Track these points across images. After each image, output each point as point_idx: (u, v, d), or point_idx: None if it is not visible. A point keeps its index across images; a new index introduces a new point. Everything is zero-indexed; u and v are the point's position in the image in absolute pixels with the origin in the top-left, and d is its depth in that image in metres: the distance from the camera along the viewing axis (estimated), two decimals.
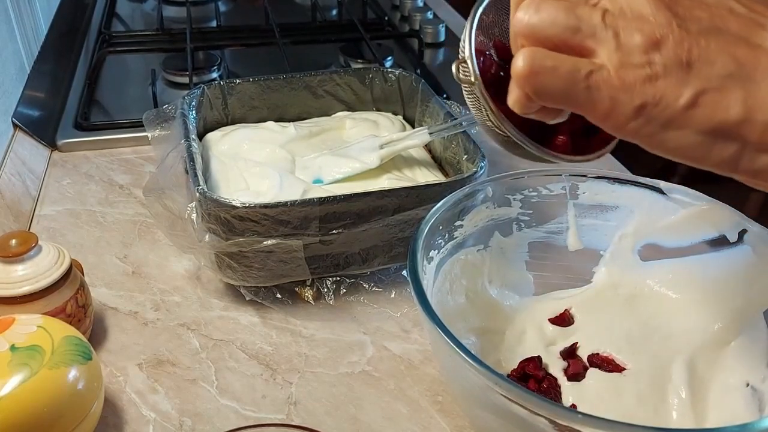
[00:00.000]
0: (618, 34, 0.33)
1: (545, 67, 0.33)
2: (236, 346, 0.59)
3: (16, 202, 0.72)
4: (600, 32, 0.33)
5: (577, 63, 0.33)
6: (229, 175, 0.69)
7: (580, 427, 0.38)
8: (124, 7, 1.30)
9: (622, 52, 0.32)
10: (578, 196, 0.59)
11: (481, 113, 0.47)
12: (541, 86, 0.33)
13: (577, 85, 0.33)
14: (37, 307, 0.52)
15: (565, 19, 0.33)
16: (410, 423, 0.53)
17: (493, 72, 0.48)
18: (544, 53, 0.33)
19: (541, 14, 0.34)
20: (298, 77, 0.80)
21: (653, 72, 0.32)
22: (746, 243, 0.53)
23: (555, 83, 0.33)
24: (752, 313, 0.51)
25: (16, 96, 0.87)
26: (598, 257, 0.60)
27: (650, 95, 0.32)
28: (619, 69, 0.32)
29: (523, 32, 0.34)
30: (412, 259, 0.49)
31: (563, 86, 0.33)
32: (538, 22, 0.34)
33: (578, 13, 0.33)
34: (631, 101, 0.32)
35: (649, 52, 0.32)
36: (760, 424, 0.38)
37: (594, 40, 0.33)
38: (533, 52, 0.33)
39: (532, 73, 0.33)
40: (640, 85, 0.32)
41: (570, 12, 0.33)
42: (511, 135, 0.47)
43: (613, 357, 0.54)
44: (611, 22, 0.33)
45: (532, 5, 0.34)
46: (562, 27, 0.33)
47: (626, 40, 0.32)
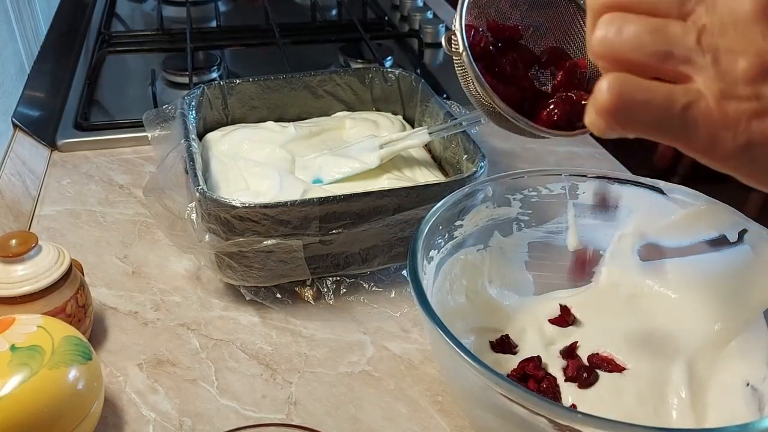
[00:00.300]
0: (718, 59, 0.28)
1: (635, 101, 0.29)
2: (236, 346, 0.59)
3: (16, 202, 0.72)
4: (696, 57, 0.28)
5: (671, 94, 0.29)
6: (229, 175, 0.69)
7: (580, 427, 0.38)
8: (124, 7, 1.30)
9: (723, 80, 0.28)
10: (578, 196, 0.59)
11: (468, 84, 0.48)
12: (628, 119, 0.29)
13: (671, 120, 0.29)
14: (37, 307, 0.52)
15: (653, 42, 0.29)
16: (410, 423, 0.53)
17: (483, 46, 0.49)
18: (634, 83, 0.29)
19: (624, 35, 0.29)
20: (298, 77, 0.80)
21: (762, 107, 0.28)
22: (746, 243, 0.53)
23: (645, 117, 0.29)
24: (752, 313, 0.51)
25: (16, 96, 0.87)
26: (598, 257, 0.60)
27: (758, 134, 0.28)
28: (720, 101, 0.28)
29: (604, 55, 0.30)
30: (412, 259, 0.49)
31: (655, 121, 0.29)
32: (620, 45, 0.29)
33: (669, 34, 0.29)
34: (734, 139, 0.28)
35: (756, 82, 0.28)
36: (760, 424, 0.38)
37: (689, 66, 0.28)
38: (620, 81, 0.29)
39: (619, 107, 0.29)
40: (745, 121, 0.28)
41: (659, 33, 0.29)
42: (497, 107, 0.48)
43: (612, 357, 0.54)
44: (709, 44, 0.28)
45: (614, 24, 0.29)
46: (650, 52, 0.29)
47: (729, 67, 0.28)
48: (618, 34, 0.29)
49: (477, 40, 0.49)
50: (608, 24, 0.30)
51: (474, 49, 0.48)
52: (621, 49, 0.29)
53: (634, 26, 0.29)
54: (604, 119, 0.30)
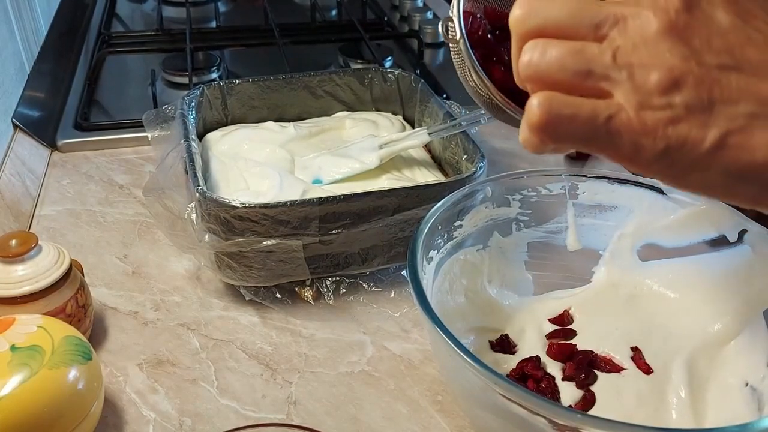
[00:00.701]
0: (633, 75, 0.31)
1: (563, 115, 0.31)
2: (236, 346, 0.59)
3: (16, 202, 0.72)
4: (613, 74, 0.31)
5: (595, 108, 0.31)
6: (229, 175, 0.69)
7: (579, 427, 0.38)
8: (124, 8, 1.31)
9: (639, 93, 0.31)
10: (578, 196, 0.59)
11: (465, 73, 0.48)
12: (558, 133, 0.32)
13: (597, 131, 0.31)
14: (37, 307, 0.52)
15: (575, 62, 0.31)
16: (410, 423, 0.53)
17: (481, 34, 0.48)
18: (561, 100, 0.31)
19: (548, 58, 0.32)
20: (298, 77, 0.80)
21: (675, 114, 0.30)
22: (746, 243, 0.53)
23: (573, 130, 0.31)
24: (752, 313, 0.51)
25: (16, 96, 0.87)
26: (598, 257, 0.60)
27: (673, 138, 0.30)
28: (638, 111, 0.31)
29: (531, 77, 0.32)
30: (411, 259, 0.49)
31: (582, 133, 0.31)
32: (546, 67, 0.32)
33: (587, 55, 0.31)
34: (654, 145, 0.31)
35: (668, 92, 0.30)
36: (759, 424, 0.38)
37: (608, 82, 0.31)
38: (548, 99, 0.31)
39: (549, 121, 0.31)
40: (662, 128, 0.30)
41: (579, 54, 0.31)
42: (493, 97, 0.47)
43: (611, 357, 0.54)
44: (624, 61, 0.31)
45: (537, 48, 0.32)
46: (572, 71, 0.31)
47: (643, 81, 0.31)
48: (542, 57, 0.32)
49: (475, 27, 0.48)
50: (533, 48, 0.32)
51: (471, 36, 0.47)
52: (546, 71, 0.32)
53: (556, 49, 0.32)
54: (536, 135, 0.32)
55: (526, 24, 0.33)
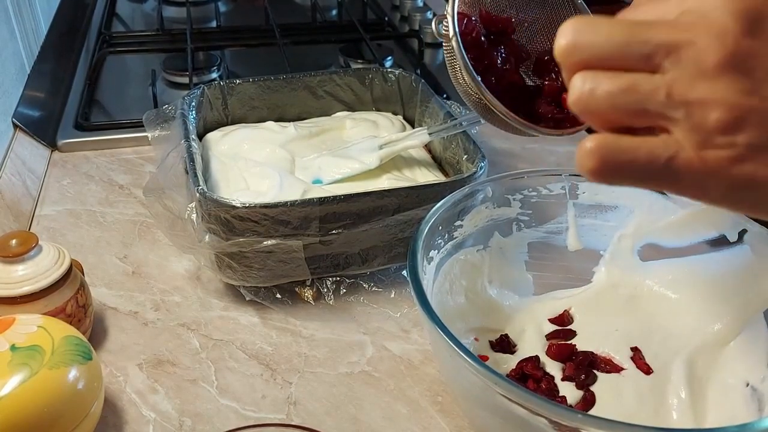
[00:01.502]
0: (692, 114, 0.29)
1: (619, 162, 0.30)
2: (236, 346, 0.59)
3: (16, 202, 0.72)
4: (669, 112, 0.29)
5: (652, 150, 0.29)
6: (229, 175, 0.69)
7: (579, 427, 0.38)
8: (124, 8, 1.31)
9: (699, 133, 0.29)
10: (578, 196, 0.59)
11: (456, 72, 0.48)
12: (617, 178, 0.31)
13: (657, 174, 0.30)
14: (37, 307, 0.52)
15: (627, 102, 0.30)
16: (410, 423, 0.53)
17: (474, 36, 0.48)
18: (615, 147, 0.30)
19: (598, 95, 0.30)
20: (298, 77, 0.80)
21: (739, 153, 0.29)
22: (746, 243, 0.53)
23: (632, 175, 0.30)
24: (752, 313, 0.51)
25: (16, 96, 0.87)
26: (598, 257, 0.60)
27: (740, 178, 0.29)
28: (699, 151, 0.29)
29: (582, 113, 0.31)
30: (412, 259, 0.49)
31: (641, 176, 0.30)
32: (596, 105, 0.30)
33: (640, 92, 0.29)
34: (718, 185, 0.30)
35: (730, 132, 0.28)
36: (759, 424, 0.38)
37: (664, 120, 0.29)
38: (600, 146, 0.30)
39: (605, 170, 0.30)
40: (725, 168, 0.29)
41: (631, 92, 0.29)
42: (484, 98, 0.47)
43: (611, 357, 0.54)
44: (680, 98, 0.29)
45: (587, 84, 0.30)
46: (625, 111, 0.30)
47: (702, 120, 0.29)
48: (591, 95, 0.30)
49: (469, 29, 0.48)
50: (582, 83, 0.30)
51: (465, 37, 0.47)
52: (598, 109, 0.30)
53: (607, 86, 0.30)
54: (593, 178, 0.31)
55: (573, 57, 0.31)
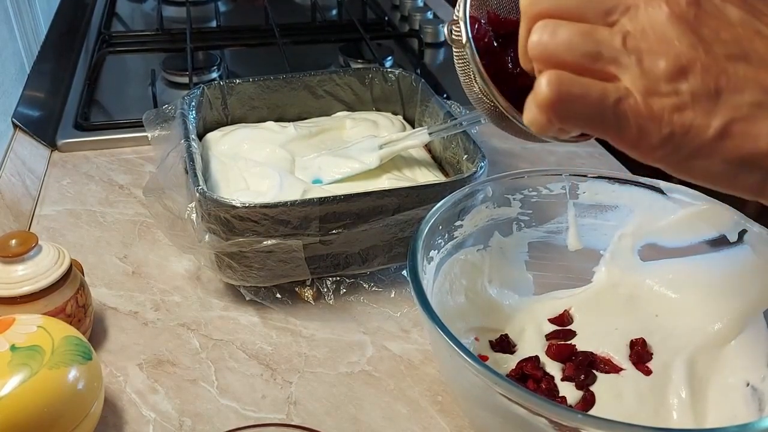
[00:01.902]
0: (642, 60, 0.31)
1: (573, 94, 0.31)
2: (236, 346, 0.59)
3: (16, 202, 0.72)
4: (622, 58, 0.31)
5: (604, 90, 0.31)
6: (229, 175, 0.69)
7: (579, 427, 0.38)
8: (124, 7, 1.30)
9: (647, 79, 0.31)
10: (578, 196, 0.59)
11: (469, 79, 0.47)
12: (567, 113, 0.32)
13: (604, 112, 0.31)
14: (37, 307, 0.52)
15: (584, 44, 0.32)
16: (410, 423, 0.53)
17: (486, 41, 0.47)
18: (571, 79, 0.32)
19: (558, 38, 0.32)
20: (298, 77, 0.80)
21: (681, 101, 0.31)
22: (746, 243, 0.53)
23: (582, 110, 0.32)
24: (752, 313, 0.51)
25: (16, 96, 0.87)
26: (598, 257, 0.60)
27: (678, 125, 0.31)
28: (645, 96, 0.31)
29: (539, 57, 0.32)
30: (412, 259, 0.49)
31: (590, 114, 0.32)
32: (554, 47, 0.32)
33: (597, 37, 0.32)
34: (659, 131, 0.31)
35: (675, 79, 0.31)
36: (760, 424, 0.38)
37: (616, 66, 0.32)
38: (559, 77, 0.32)
39: (558, 100, 0.32)
40: (668, 114, 0.31)
41: (589, 36, 0.32)
42: (498, 104, 0.47)
43: (610, 357, 0.54)
44: (633, 47, 0.31)
45: (548, 28, 0.32)
46: (581, 53, 0.32)
47: (651, 67, 0.31)
48: (552, 37, 0.32)
49: (481, 34, 0.47)
50: (543, 28, 0.32)
51: (478, 43, 0.47)
52: (555, 51, 0.32)
53: (567, 30, 0.32)
54: (545, 113, 0.32)
55: (538, 5, 0.33)
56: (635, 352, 0.53)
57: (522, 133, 0.51)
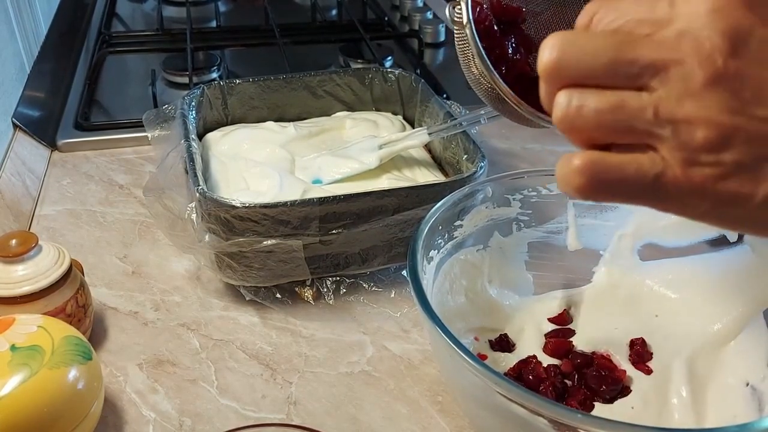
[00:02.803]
0: (679, 132, 0.29)
1: (607, 180, 0.30)
2: (236, 346, 0.59)
3: (16, 202, 0.72)
4: (656, 130, 0.29)
5: (640, 168, 0.29)
6: (229, 175, 0.69)
7: (579, 427, 0.38)
8: (124, 8, 1.30)
9: (686, 151, 0.29)
10: None
11: (468, 60, 0.47)
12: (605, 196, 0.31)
13: (644, 191, 0.30)
14: (37, 307, 0.52)
15: (614, 120, 0.29)
16: (410, 423, 0.53)
17: (487, 25, 0.48)
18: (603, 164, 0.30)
19: (585, 114, 0.30)
20: (298, 77, 0.80)
21: (724, 171, 0.29)
22: (746, 243, 0.53)
23: (620, 192, 0.30)
24: (752, 312, 0.51)
25: (16, 96, 0.87)
26: (598, 257, 0.60)
27: (724, 195, 0.29)
28: (685, 168, 0.29)
29: (566, 130, 0.31)
30: (412, 259, 0.49)
31: (629, 193, 0.30)
32: (582, 123, 0.30)
33: (627, 110, 0.29)
34: (703, 203, 0.30)
35: (717, 150, 0.29)
36: (760, 424, 0.38)
37: (650, 137, 0.29)
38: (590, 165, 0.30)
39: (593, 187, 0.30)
40: (711, 185, 0.29)
41: (618, 111, 0.29)
42: (496, 86, 0.47)
43: (610, 356, 0.54)
44: (667, 116, 0.29)
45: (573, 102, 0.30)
46: (612, 129, 0.30)
47: (689, 138, 0.29)
48: (578, 113, 0.30)
49: (482, 17, 0.48)
50: (568, 101, 0.30)
51: (478, 26, 0.47)
52: (583, 127, 0.30)
53: (594, 103, 0.30)
54: (579, 195, 0.31)
55: (558, 74, 0.31)
56: (635, 352, 0.53)
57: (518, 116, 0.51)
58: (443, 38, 1.17)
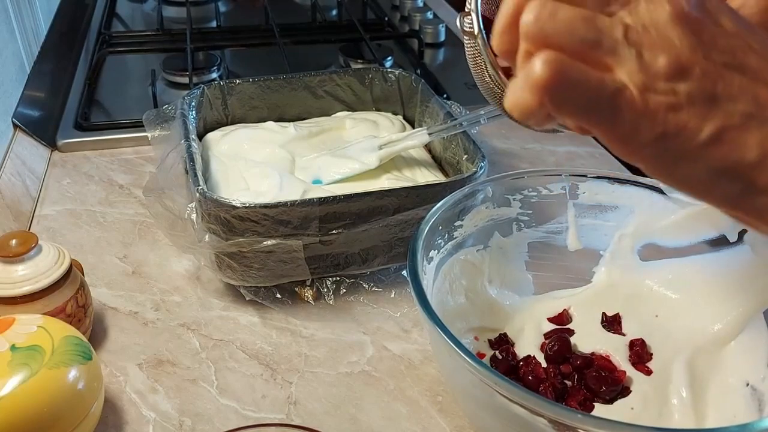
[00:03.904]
0: (641, 55, 0.30)
1: (571, 78, 0.30)
2: (236, 346, 0.59)
3: (16, 202, 0.72)
4: (622, 49, 0.30)
5: (602, 78, 0.30)
6: (229, 175, 0.69)
7: (579, 427, 0.38)
8: (124, 8, 1.31)
9: (645, 74, 0.30)
10: (578, 196, 0.59)
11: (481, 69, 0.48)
12: (562, 98, 0.30)
13: (600, 102, 0.30)
14: (37, 307, 0.52)
15: (585, 30, 0.30)
16: (410, 423, 0.53)
17: None
18: (570, 64, 0.30)
19: (558, 20, 0.30)
20: (298, 77, 0.80)
21: (677, 101, 0.30)
22: (746, 243, 0.53)
23: (578, 97, 0.30)
24: (752, 313, 0.51)
25: (16, 96, 0.87)
26: (598, 257, 0.60)
27: (672, 124, 0.30)
28: (642, 92, 0.30)
29: (534, 36, 0.30)
30: (412, 259, 0.49)
31: (585, 102, 0.30)
32: (553, 28, 0.30)
33: (598, 25, 0.30)
34: (651, 129, 0.30)
35: (674, 79, 0.30)
36: (760, 424, 0.38)
37: (614, 57, 0.30)
38: (559, 58, 0.30)
39: (556, 82, 0.29)
40: (663, 112, 0.30)
41: (590, 23, 0.30)
42: None
43: (609, 356, 0.54)
44: (633, 40, 0.30)
45: (546, 8, 0.30)
46: (581, 38, 0.30)
47: (650, 62, 0.30)
48: (552, 18, 0.30)
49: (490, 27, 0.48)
50: (541, 7, 0.30)
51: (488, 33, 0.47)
52: (553, 32, 0.30)
53: (567, 12, 0.30)
54: (536, 95, 0.30)
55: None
56: (635, 353, 0.53)
57: None
58: (443, 38, 1.17)
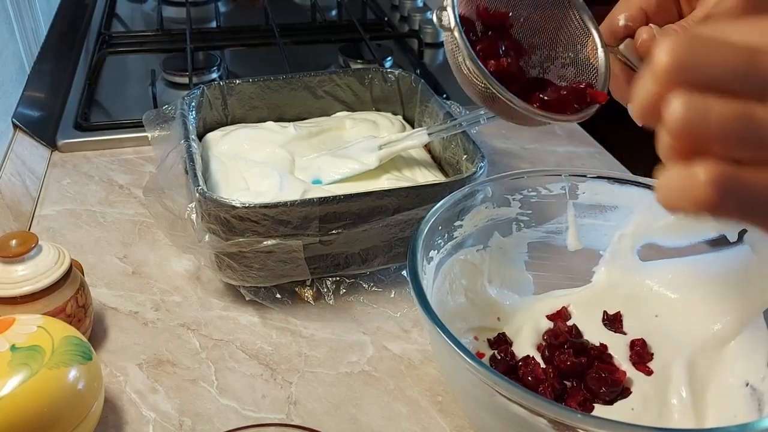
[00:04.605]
0: None
1: (742, 194, 0.27)
2: (236, 346, 0.59)
3: (16, 202, 0.72)
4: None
5: None
6: (229, 175, 0.69)
7: (579, 427, 0.38)
8: (124, 8, 1.31)
9: None
10: (578, 196, 0.59)
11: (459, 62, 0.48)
12: (731, 207, 0.27)
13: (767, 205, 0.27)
14: (37, 307, 0.52)
15: (741, 128, 0.27)
16: (410, 423, 0.53)
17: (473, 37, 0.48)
18: (737, 174, 0.27)
19: (711, 122, 0.27)
20: (298, 77, 0.80)
21: None
22: (746, 243, 0.53)
23: (749, 206, 0.28)
24: (752, 312, 0.51)
25: (16, 96, 0.87)
26: (598, 257, 0.60)
27: None
28: None
29: (680, 134, 0.27)
30: (411, 259, 0.49)
31: (750, 209, 0.28)
32: (703, 130, 0.27)
33: (757, 119, 0.27)
34: None
35: None
36: (760, 424, 0.38)
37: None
38: (723, 173, 0.27)
39: (723, 201, 0.27)
40: None
41: (747, 118, 0.27)
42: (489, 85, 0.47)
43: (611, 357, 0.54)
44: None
45: (698, 108, 0.27)
46: (737, 139, 0.27)
47: None
48: (703, 119, 0.27)
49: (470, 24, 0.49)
50: (689, 105, 0.27)
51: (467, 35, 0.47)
52: (705, 135, 0.27)
53: (720, 110, 0.27)
54: (696, 208, 0.28)
55: (680, 74, 0.27)
56: (635, 353, 0.53)
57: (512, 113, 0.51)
58: (443, 38, 1.17)
